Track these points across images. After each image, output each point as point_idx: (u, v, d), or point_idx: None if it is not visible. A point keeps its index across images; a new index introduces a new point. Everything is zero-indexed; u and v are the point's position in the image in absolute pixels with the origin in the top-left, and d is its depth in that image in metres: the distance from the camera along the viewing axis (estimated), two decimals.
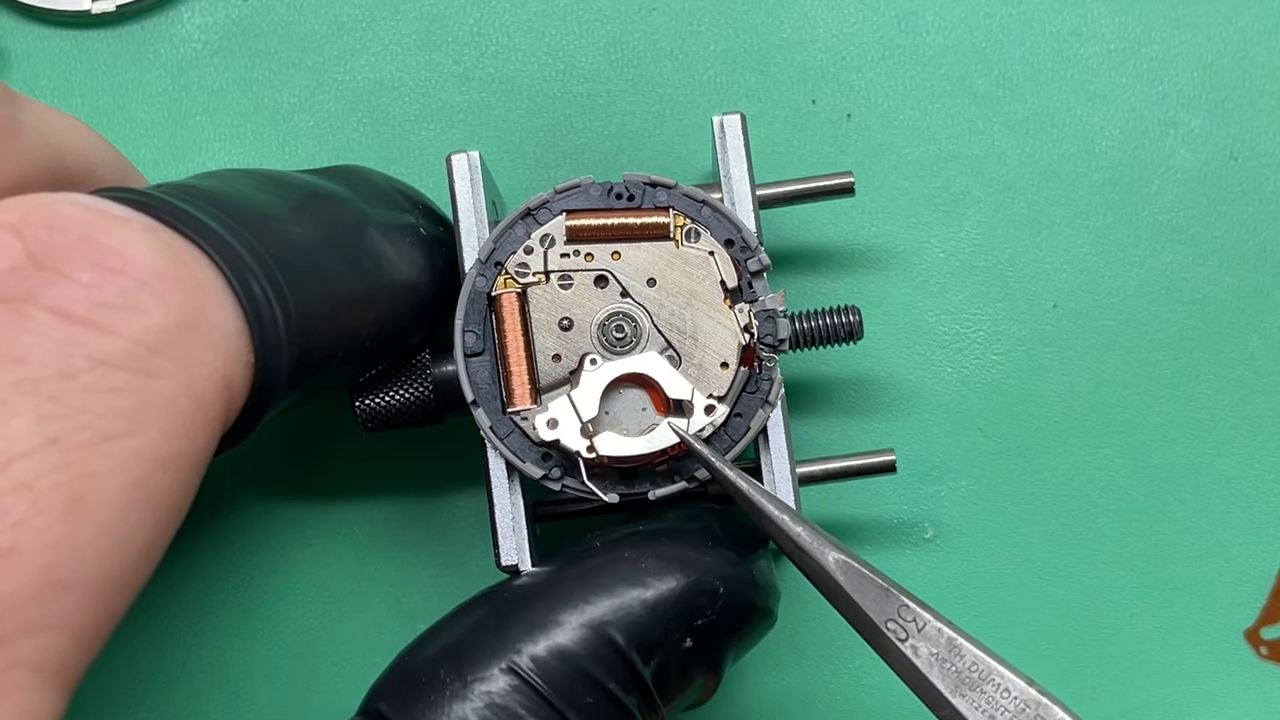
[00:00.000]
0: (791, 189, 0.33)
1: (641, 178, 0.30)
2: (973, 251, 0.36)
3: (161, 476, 0.20)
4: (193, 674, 0.35)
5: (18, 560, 0.19)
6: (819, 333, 0.32)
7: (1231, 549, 0.35)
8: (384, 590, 0.35)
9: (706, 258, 0.30)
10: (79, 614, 0.19)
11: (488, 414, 0.30)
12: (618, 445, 0.29)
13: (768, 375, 0.30)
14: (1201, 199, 0.36)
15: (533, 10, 0.37)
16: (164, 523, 0.21)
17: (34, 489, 0.19)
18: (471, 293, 0.30)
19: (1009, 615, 0.35)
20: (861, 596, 0.27)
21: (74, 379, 0.20)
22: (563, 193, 0.30)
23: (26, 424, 0.19)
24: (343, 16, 0.37)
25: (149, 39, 0.37)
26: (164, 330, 0.21)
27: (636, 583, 0.28)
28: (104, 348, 0.20)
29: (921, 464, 0.36)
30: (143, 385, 0.20)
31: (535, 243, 0.30)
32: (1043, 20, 0.37)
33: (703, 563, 0.29)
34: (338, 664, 0.35)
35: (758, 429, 0.30)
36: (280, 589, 0.35)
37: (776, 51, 0.37)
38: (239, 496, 0.36)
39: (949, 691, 0.26)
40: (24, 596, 0.19)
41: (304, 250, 0.26)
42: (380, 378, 0.31)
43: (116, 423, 0.20)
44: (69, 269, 0.20)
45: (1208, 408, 0.36)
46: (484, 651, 0.28)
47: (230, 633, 0.35)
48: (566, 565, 0.29)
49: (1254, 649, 0.35)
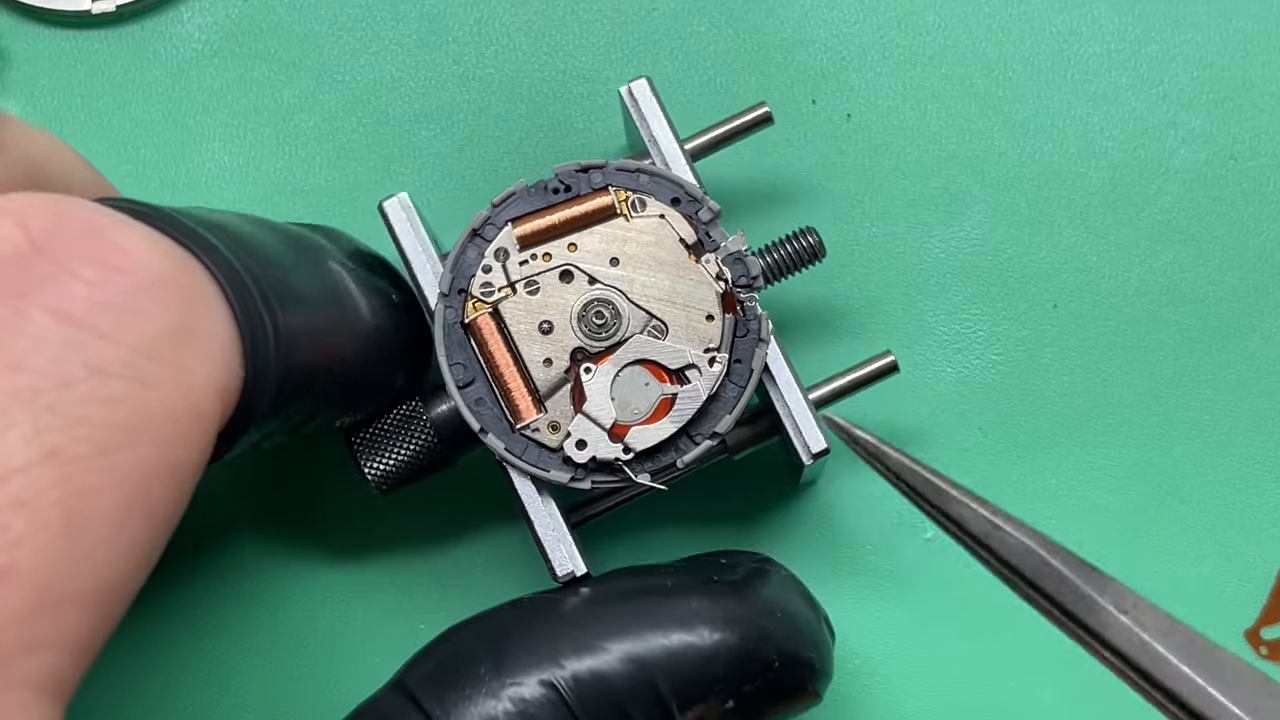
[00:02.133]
0: (716, 134, 0.33)
1: (572, 166, 0.30)
2: (973, 251, 0.36)
3: (157, 488, 0.20)
4: (192, 674, 0.35)
5: (15, 579, 0.18)
6: (786, 261, 0.32)
7: (1232, 549, 0.35)
8: (384, 590, 0.35)
9: (659, 222, 0.30)
10: (75, 629, 0.19)
11: (499, 437, 0.30)
12: (650, 434, 0.29)
13: (753, 315, 0.30)
14: (1201, 199, 0.36)
15: (533, 10, 0.37)
16: (159, 533, 0.21)
17: (32, 505, 0.18)
18: (445, 326, 0.30)
19: (1009, 615, 0.35)
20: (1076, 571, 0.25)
21: (72, 388, 0.19)
22: (500, 204, 0.30)
23: (25, 435, 0.19)
24: (343, 16, 0.37)
25: (149, 39, 0.37)
26: (162, 336, 0.21)
27: (694, 632, 0.28)
28: (102, 354, 0.20)
29: None
30: (140, 395, 0.20)
31: (491, 260, 0.30)
32: (1043, 20, 0.37)
33: (765, 632, 0.29)
34: (337, 664, 0.35)
35: (760, 367, 0.30)
36: (280, 588, 0.35)
37: (776, 51, 0.37)
38: (239, 496, 0.36)
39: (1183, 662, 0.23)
40: (21, 616, 0.18)
41: (291, 283, 0.26)
42: (381, 438, 0.31)
43: (114, 434, 0.20)
44: (72, 262, 0.20)
45: (1208, 408, 0.36)
46: (530, 658, 0.28)
47: (229, 632, 0.35)
48: (633, 596, 0.29)
49: (1254, 649, 0.35)
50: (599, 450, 0.29)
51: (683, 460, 0.30)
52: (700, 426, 0.30)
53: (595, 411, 0.30)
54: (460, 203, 0.36)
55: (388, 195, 0.31)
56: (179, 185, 0.36)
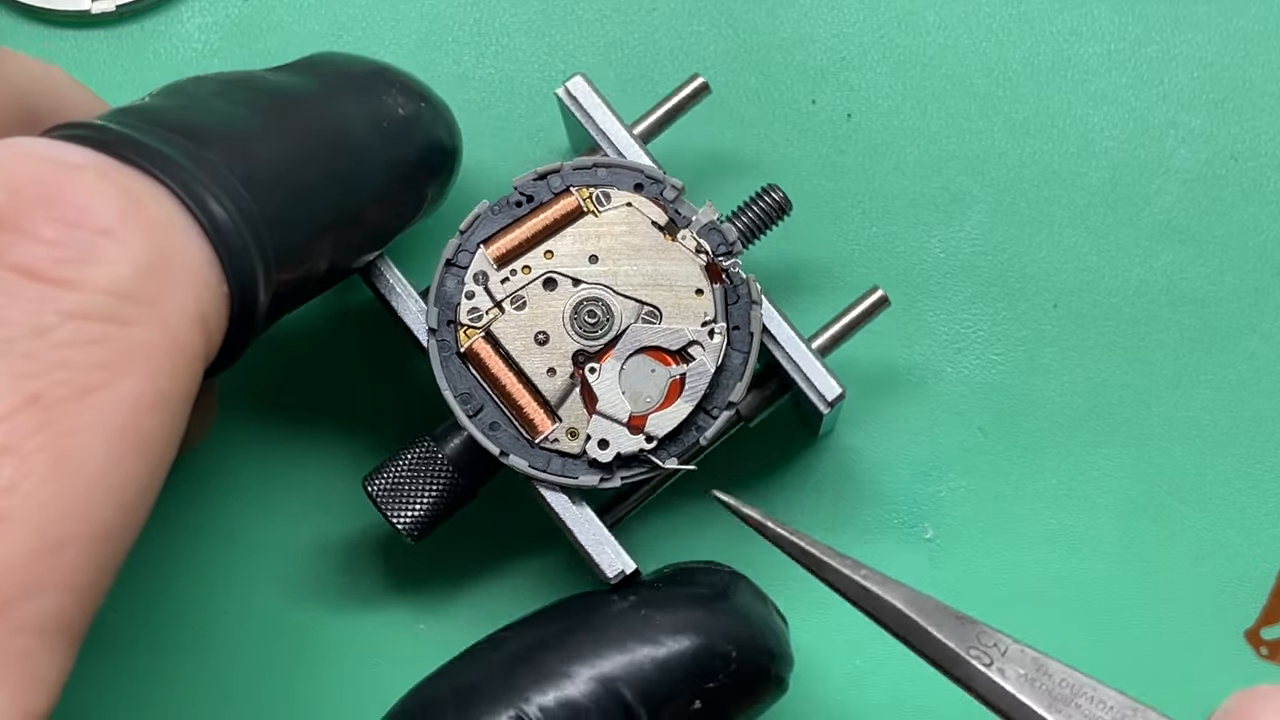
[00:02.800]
0: (660, 113, 0.33)
1: (529, 175, 0.31)
2: (973, 251, 0.36)
3: (147, 421, 0.20)
4: (192, 674, 0.35)
5: (10, 525, 0.19)
6: (757, 221, 0.32)
7: (1231, 549, 0.35)
8: (385, 590, 0.35)
9: (627, 210, 0.30)
10: (78, 570, 0.19)
11: (521, 456, 0.30)
12: (668, 418, 0.30)
13: (740, 280, 0.30)
14: (1201, 199, 0.36)
15: (533, 10, 0.37)
16: (154, 466, 0.21)
17: (19, 451, 0.19)
18: (442, 360, 0.30)
19: (1009, 615, 0.35)
20: (939, 628, 0.26)
21: (47, 335, 0.19)
22: (468, 230, 0.30)
23: (5, 384, 0.19)
24: (343, 16, 0.37)
25: (149, 39, 0.37)
26: (132, 277, 0.21)
27: (650, 640, 0.28)
28: (74, 302, 0.20)
29: (921, 464, 0.35)
30: (117, 334, 0.20)
31: (472, 285, 0.30)
32: (1043, 20, 0.37)
33: (719, 627, 0.29)
34: (338, 665, 0.35)
35: (759, 328, 0.30)
36: (281, 590, 0.35)
37: (776, 51, 0.37)
38: (239, 496, 0.36)
39: (1045, 710, 0.25)
40: (21, 560, 0.19)
41: (274, 161, 0.25)
42: (401, 487, 0.31)
43: (95, 374, 0.20)
44: (29, 226, 0.20)
45: (1208, 408, 0.36)
46: (493, 697, 0.28)
47: (229, 633, 0.35)
48: (583, 615, 0.29)
49: (1254, 649, 0.35)
50: (622, 445, 0.30)
51: (705, 437, 0.30)
52: (715, 400, 0.30)
53: (610, 409, 0.30)
54: (461, 203, 0.36)
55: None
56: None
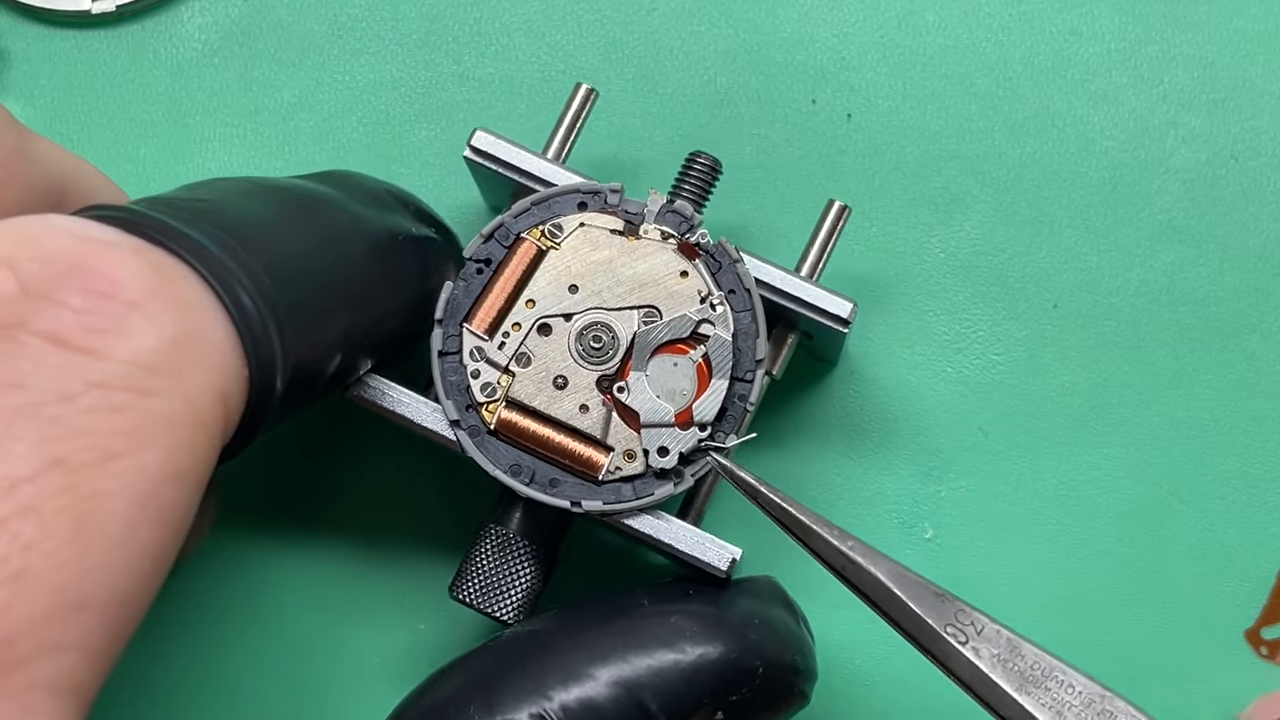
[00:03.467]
0: (562, 129, 0.33)
1: (476, 242, 0.30)
2: (973, 251, 0.36)
3: (165, 492, 0.21)
4: (191, 674, 0.35)
5: (30, 583, 0.19)
6: (699, 188, 0.32)
7: (1231, 549, 0.35)
8: (385, 590, 0.35)
9: (582, 231, 0.30)
10: (93, 632, 0.20)
11: (592, 499, 0.30)
12: (709, 401, 0.30)
13: (713, 247, 0.30)
14: (1201, 199, 0.36)
15: (533, 10, 0.37)
16: (170, 537, 0.21)
17: (41, 512, 0.19)
18: (476, 445, 0.30)
19: (1009, 615, 0.35)
20: (919, 603, 0.27)
21: (73, 401, 0.20)
22: (444, 316, 0.30)
23: (30, 447, 0.19)
24: (343, 16, 0.37)
25: (149, 39, 0.37)
26: (157, 351, 0.21)
27: (676, 649, 0.28)
28: (100, 371, 0.20)
29: (921, 464, 0.35)
30: (141, 404, 0.20)
31: (472, 364, 0.30)
32: (1043, 20, 0.37)
33: (747, 640, 0.29)
34: (338, 664, 0.35)
35: (752, 282, 0.30)
36: (279, 587, 0.35)
37: (776, 51, 0.37)
38: (239, 498, 0.36)
39: (1015, 690, 0.26)
40: (38, 619, 0.19)
41: (295, 256, 0.26)
42: (490, 581, 0.31)
43: (118, 442, 0.20)
44: (60, 295, 0.20)
45: (1208, 408, 0.36)
46: (517, 692, 0.28)
47: (226, 630, 0.35)
48: (612, 619, 0.29)
49: (1254, 649, 0.35)
50: (681, 445, 0.30)
51: (750, 403, 0.30)
52: (743, 365, 0.30)
53: (653, 417, 0.30)
54: (460, 203, 0.36)
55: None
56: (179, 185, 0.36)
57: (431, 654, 0.35)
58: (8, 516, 0.19)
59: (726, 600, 0.30)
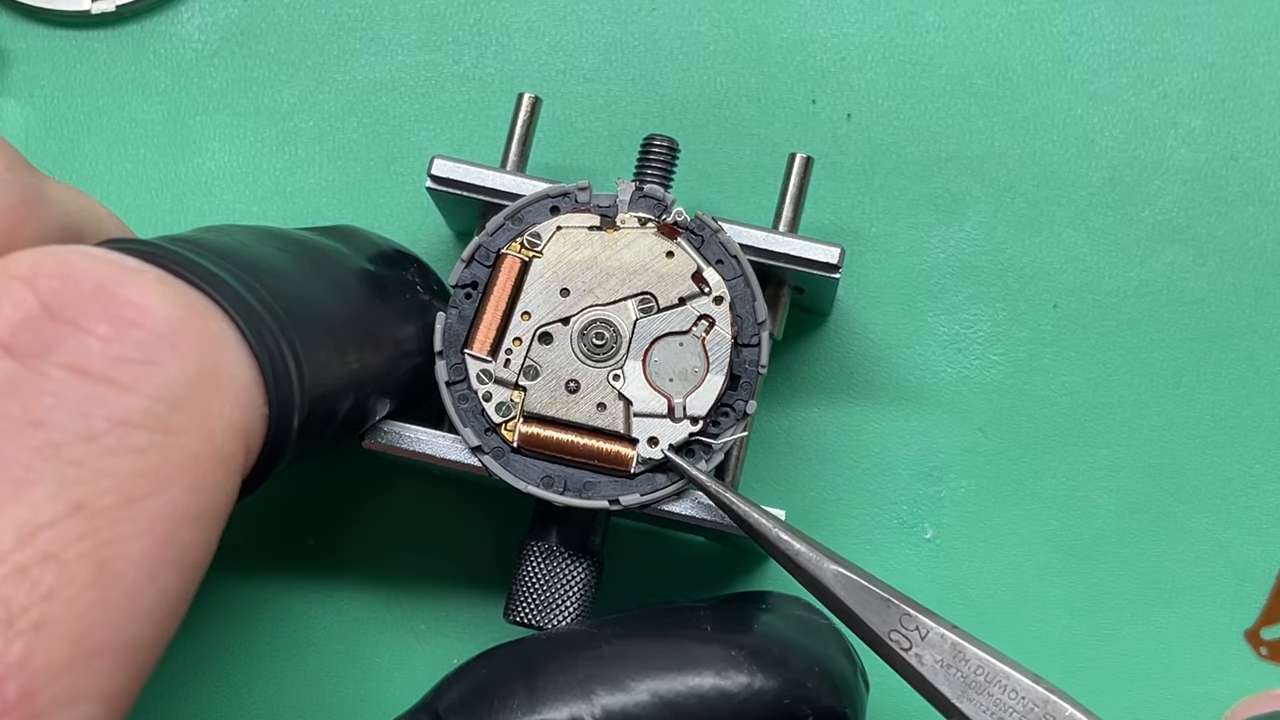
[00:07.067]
0: (515, 139, 0.33)
1: (458, 268, 0.30)
2: (973, 251, 0.36)
3: (185, 535, 0.20)
4: (191, 674, 0.35)
5: (49, 632, 0.18)
6: (662, 169, 0.32)
7: (1231, 549, 0.35)
8: (385, 589, 0.35)
9: (560, 234, 0.30)
10: (111, 680, 0.19)
11: (629, 494, 0.30)
12: (707, 394, 0.30)
13: (691, 223, 0.30)
14: (1201, 199, 0.36)
15: (533, 10, 0.37)
16: (189, 580, 0.21)
17: (61, 559, 0.18)
18: (504, 468, 0.30)
19: (1009, 615, 0.35)
20: (863, 609, 0.27)
21: (95, 441, 0.19)
22: (444, 348, 0.30)
23: (50, 491, 0.19)
24: (343, 16, 0.37)
25: (149, 39, 0.37)
26: (182, 384, 0.20)
27: (730, 680, 0.28)
28: (123, 406, 0.20)
29: (921, 464, 0.35)
30: (163, 443, 0.20)
31: (484, 388, 0.30)
32: (1043, 20, 0.37)
33: (803, 688, 0.28)
34: (338, 664, 0.35)
35: (737, 248, 0.30)
36: (280, 588, 0.35)
37: (776, 51, 0.37)
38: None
39: (955, 697, 0.26)
40: (57, 669, 0.18)
41: (310, 300, 0.26)
42: (545, 597, 0.31)
43: (139, 484, 0.19)
44: (85, 321, 0.20)
45: (1208, 408, 0.36)
46: (564, 694, 0.27)
47: (228, 631, 0.35)
48: (670, 636, 0.29)
49: (1254, 649, 0.35)
50: (674, 436, 0.29)
51: (761, 364, 0.30)
52: (746, 331, 0.30)
53: (643, 406, 0.30)
54: None
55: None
56: (179, 185, 0.36)
57: (432, 654, 0.35)
58: (28, 564, 0.18)
59: (789, 639, 0.29)
